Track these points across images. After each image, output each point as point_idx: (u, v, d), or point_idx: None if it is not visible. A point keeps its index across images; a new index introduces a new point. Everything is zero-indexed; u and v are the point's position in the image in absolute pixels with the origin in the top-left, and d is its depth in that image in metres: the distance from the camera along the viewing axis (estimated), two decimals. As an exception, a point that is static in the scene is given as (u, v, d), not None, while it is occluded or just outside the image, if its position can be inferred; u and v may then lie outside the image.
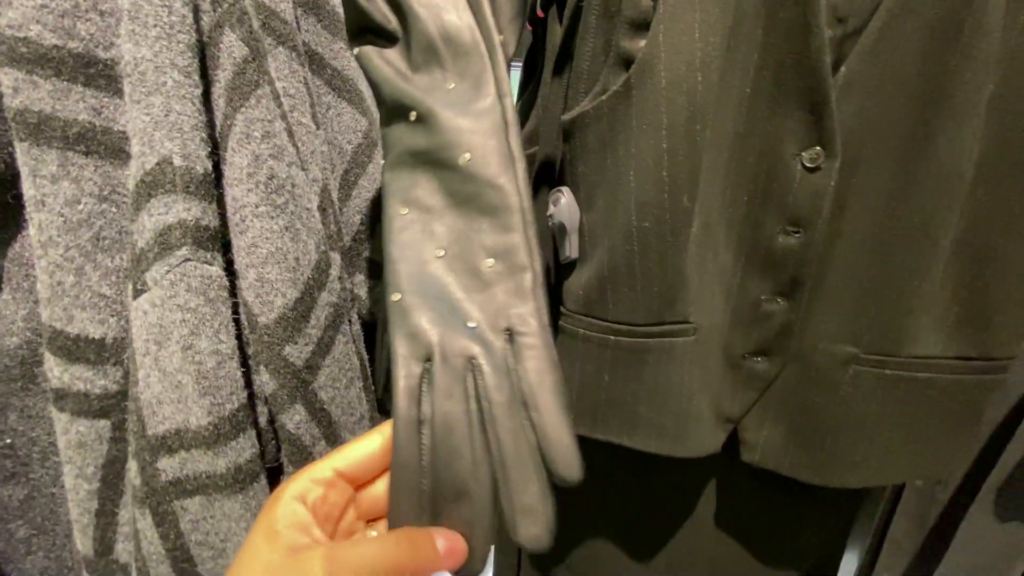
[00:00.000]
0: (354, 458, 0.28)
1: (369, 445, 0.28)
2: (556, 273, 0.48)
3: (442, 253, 0.31)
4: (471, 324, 0.29)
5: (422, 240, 0.31)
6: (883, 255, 0.40)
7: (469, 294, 0.30)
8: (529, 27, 0.60)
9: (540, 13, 0.55)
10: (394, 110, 0.34)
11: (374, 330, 0.55)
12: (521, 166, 0.31)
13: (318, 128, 0.47)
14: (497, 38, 0.33)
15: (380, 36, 0.35)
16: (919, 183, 0.38)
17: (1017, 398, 0.54)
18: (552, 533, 0.28)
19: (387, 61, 0.34)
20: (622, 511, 0.54)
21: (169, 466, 0.38)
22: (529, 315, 0.29)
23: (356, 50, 0.36)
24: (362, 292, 0.54)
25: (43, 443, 0.46)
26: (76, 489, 0.41)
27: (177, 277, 0.35)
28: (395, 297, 0.30)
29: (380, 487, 0.29)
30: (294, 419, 0.41)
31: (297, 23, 0.47)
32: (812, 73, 0.37)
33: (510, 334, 0.29)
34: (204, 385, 0.37)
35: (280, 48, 0.42)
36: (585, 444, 0.47)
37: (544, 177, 0.52)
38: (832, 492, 0.48)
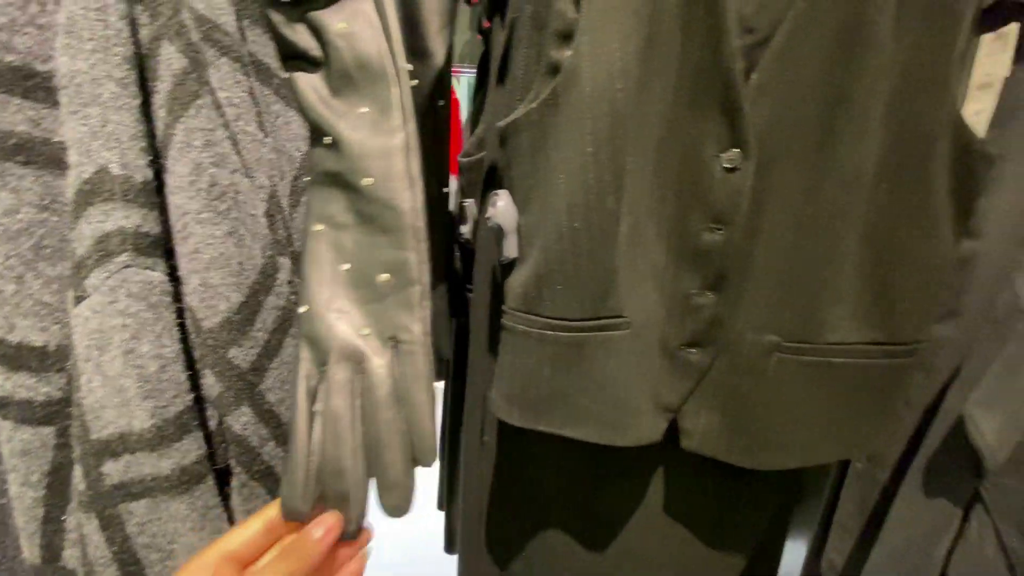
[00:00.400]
0: (239, 541, 0.34)
1: (252, 528, 0.34)
2: (501, 273, 0.50)
3: (347, 267, 0.37)
4: (364, 332, 0.35)
5: (332, 254, 0.37)
6: (799, 249, 0.43)
7: (366, 305, 0.36)
8: (479, 36, 0.63)
9: (486, 23, 0.58)
10: (314, 133, 0.38)
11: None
12: (418, 188, 0.37)
13: (266, 136, 0.48)
14: (403, 66, 0.37)
15: (306, 62, 0.38)
16: (827, 181, 0.41)
17: (943, 381, 0.57)
18: (410, 504, 0.36)
19: (312, 87, 0.38)
20: (571, 502, 0.56)
21: (114, 470, 0.38)
22: (412, 324, 0.36)
23: (287, 75, 0.39)
24: (314, 296, 0.55)
25: (-10, 454, 0.46)
26: (21, 497, 0.41)
27: (117, 283, 0.36)
28: (303, 309, 0.36)
29: (264, 561, 0.34)
30: (240, 420, 0.42)
31: (243, 34, 0.48)
32: (726, 80, 0.39)
33: (395, 341, 0.36)
34: (147, 389, 0.37)
35: (223, 59, 0.44)
36: (533, 437, 0.49)
37: (491, 181, 0.54)
38: (770, 475, 0.51)
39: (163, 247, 0.40)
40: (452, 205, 0.64)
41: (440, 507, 0.89)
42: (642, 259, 0.45)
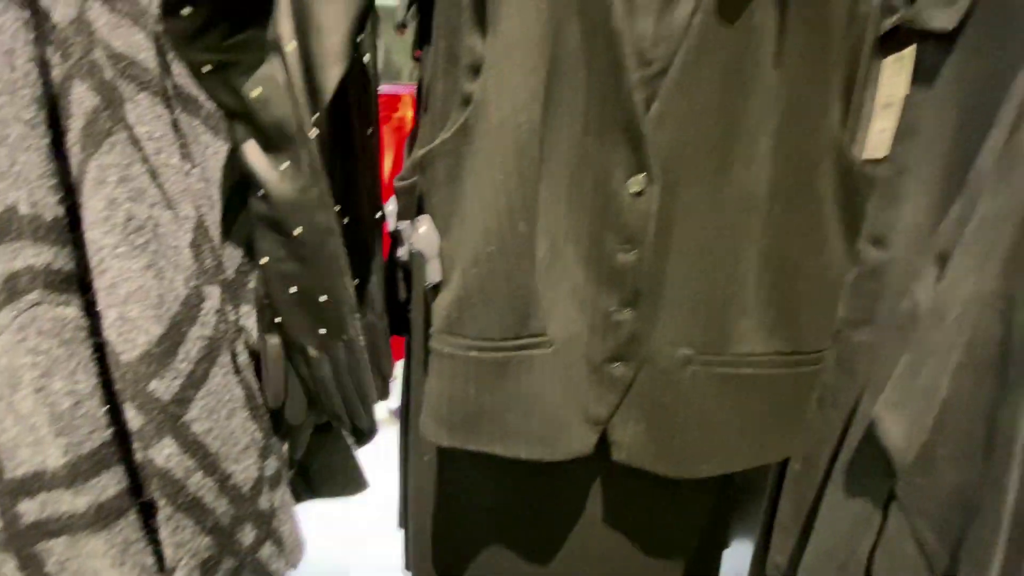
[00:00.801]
0: None
1: None
2: (429, 296, 0.51)
3: (295, 290, 0.46)
4: (322, 332, 0.50)
5: (280, 281, 0.48)
6: (705, 267, 0.45)
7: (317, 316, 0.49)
8: (416, 63, 0.64)
9: (417, 53, 0.59)
10: (250, 181, 0.44)
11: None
12: (337, 234, 0.46)
13: (192, 166, 0.49)
14: (308, 128, 0.43)
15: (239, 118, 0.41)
16: (725, 203, 0.43)
17: (860, 385, 0.60)
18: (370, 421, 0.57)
19: (247, 140, 0.44)
20: (512, 516, 0.57)
21: (30, 509, 0.38)
22: (350, 328, 0.50)
23: (214, 106, 0.42)
24: (248, 323, 0.55)
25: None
26: (-64, 540, 0.41)
27: (27, 320, 0.36)
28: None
29: None
30: (163, 452, 0.42)
31: (167, 68, 0.49)
32: (627, 109, 0.42)
33: (343, 338, 0.51)
34: (59, 426, 0.37)
35: (142, 94, 0.44)
36: (470, 454, 0.50)
37: (423, 205, 0.55)
38: (701, 481, 0.53)
39: (78, 282, 0.40)
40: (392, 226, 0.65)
41: (400, 525, 0.89)
42: (562, 279, 0.47)
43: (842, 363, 0.64)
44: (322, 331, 0.51)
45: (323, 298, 0.50)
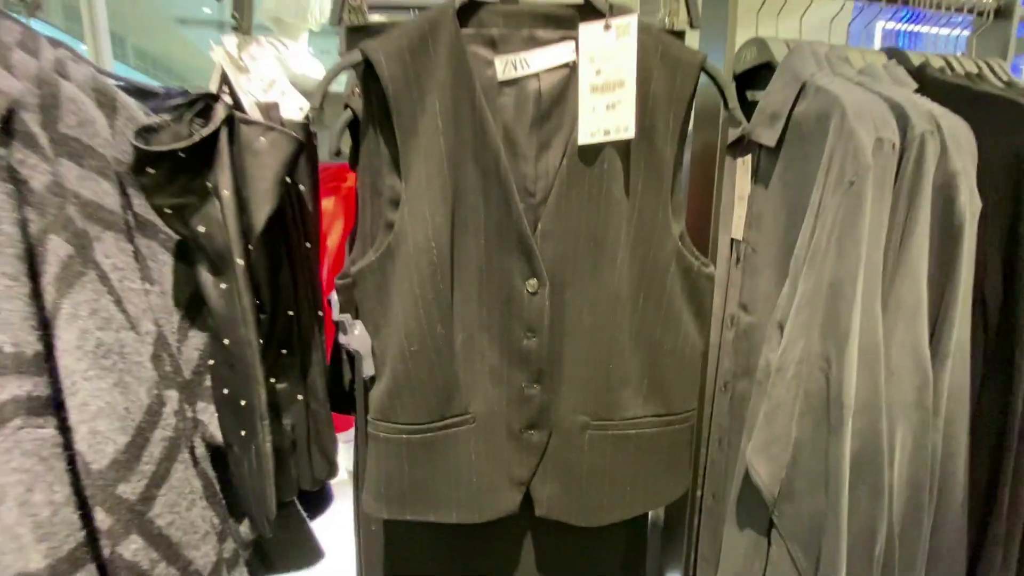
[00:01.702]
0: None
1: None
2: (367, 386, 0.59)
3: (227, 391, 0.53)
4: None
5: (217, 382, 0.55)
6: (591, 348, 0.55)
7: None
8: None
9: (351, 171, 0.69)
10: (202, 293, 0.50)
11: (218, 450, 0.62)
12: (251, 351, 0.55)
13: (152, 284, 0.56)
14: (239, 259, 0.51)
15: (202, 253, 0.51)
16: (599, 299, 0.54)
17: (748, 428, 0.71)
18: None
19: (201, 270, 0.54)
20: (452, 572, 0.64)
21: (8, 612, 0.43)
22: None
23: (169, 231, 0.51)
24: (205, 417, 0.61)
25: None
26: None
27: (12, 444, 0.42)
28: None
29: None
30: (130, 548, 0.48)
31: (128, 202, 0.57)
32: (519, 230, 0.52)
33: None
34: (40, 533, 0.43)
35: (107, 232, 0.52)
36: (412, 524, 0.57)
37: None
38: (615, 526, 0.61)
39: (53, 402, 0.46)
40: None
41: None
42: (480, 363, 0.56)
43: (732, 409, 0.76)
44: (243, 432, 0.57)
45: (243, 402, 0.56)
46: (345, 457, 2.08)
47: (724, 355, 0.75)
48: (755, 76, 0.75)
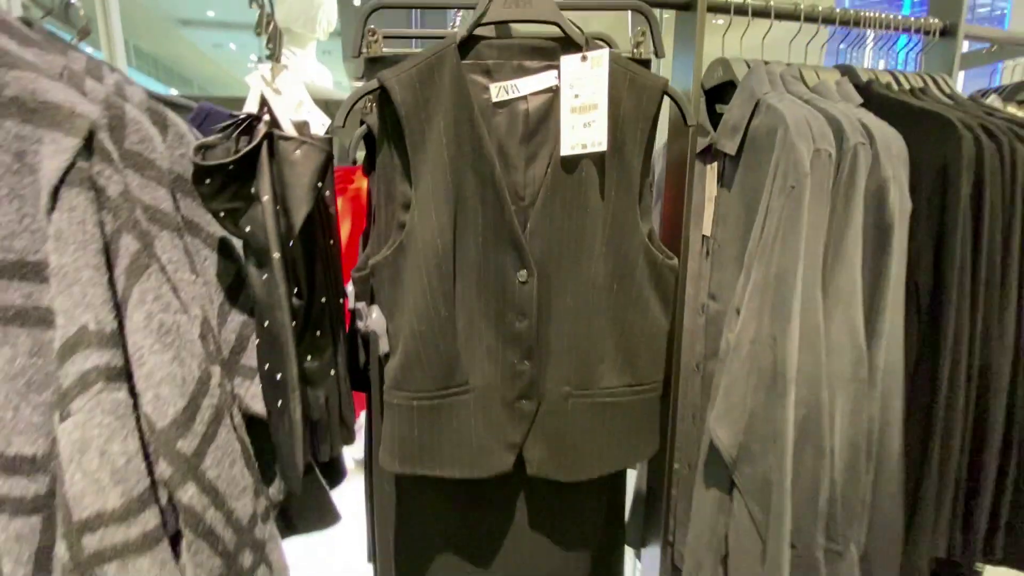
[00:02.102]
0: None
1: None
2: (383, 361, 0.69)
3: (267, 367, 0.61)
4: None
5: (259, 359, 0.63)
6: (573, 329, 0.65)
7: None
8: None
9: (365, 176, 0.79)
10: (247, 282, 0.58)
11: (252, 420, 0.72)
12: (285, 332, 0.63)
13: (197, 277, 0.66)
14: (275, 254, 0.60)
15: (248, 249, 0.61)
16: (580, 286, 0.63)
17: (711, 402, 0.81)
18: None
19: (249, 264, 0.61)
20: (456, 527, 0.74)
21: (91, 541, 0.52)
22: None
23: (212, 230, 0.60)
24: (242, 391, 0.71)
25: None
26: (13, 574, 0.54)
27: (95, 404, 0.52)
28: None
29: None
30: (187, 494, 0.57)
31: (177, 205, 0.66)
32: (511, 230, 0.62)
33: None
34: (116, 477, 0.52)
35: (164, 231, 0.61)
36: (420, 482, 0.67)
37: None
38: (597, 486, 0.71)
39: (125, 372, 0.55)
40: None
41: (369, 559, 1.03)
42: (478, 343, 0.66)
43: (703, 387, 0.85)
44: (279, 402, 0.66)
45: (279, 376, 0.65)
46: (355, 447, 2.20)
47: (696, 340, 0.85)
48: (724, 91, 0.84)
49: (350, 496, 0.93)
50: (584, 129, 0.59)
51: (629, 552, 1.04)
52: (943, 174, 0.70)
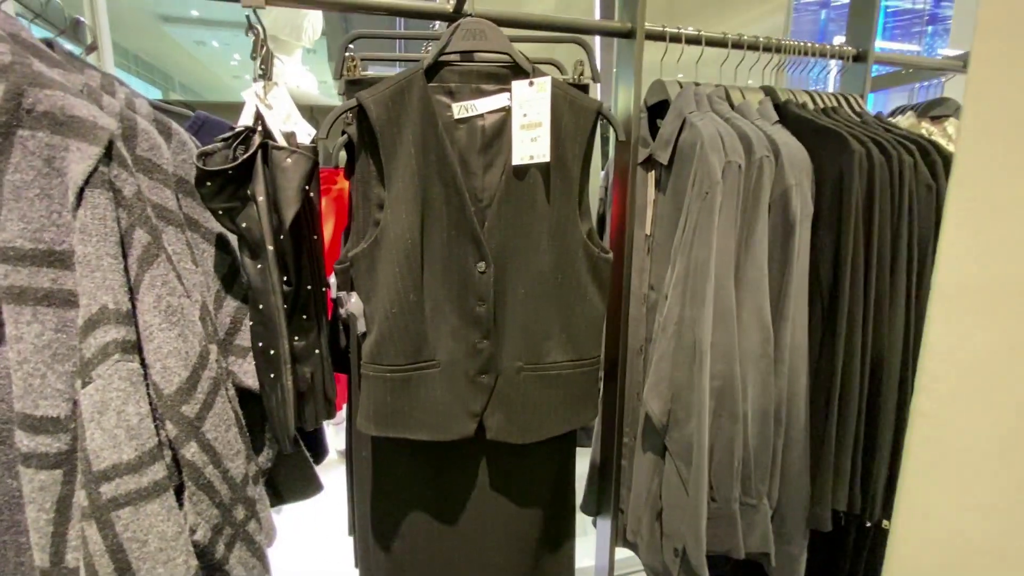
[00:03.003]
0: None
1: None
2: (360, 340, 0.79)
3: (261, 344, 0.64)
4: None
5: (254, 338, 0.68)
6: (524, 313, 0.76)
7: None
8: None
9: (346, 179, 0.89)
10: (242, 270, 0.66)
11: (247, 393, 0.81)
12: (278, 314, 0.73)
13: (197, 266, 0.75)
14: (270, 245, 0.69)
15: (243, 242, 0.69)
16: (530, 276, 0.74)
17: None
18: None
19: (244, 255, 0.67)
20: (425, 488, 0.84)
21: (108, 489, 0.62)
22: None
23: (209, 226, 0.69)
24: (235, 368, 0.80)
25: (0, 502, 0.66)
26: (37, 519, 0.63)
27: (113, 372, 0.61)
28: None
29: None
30: (190, 450, 0.67)
31: (180, 204, 0.76)
32: (471, 227, 0.73)
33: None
34: (131, 434, 0.62)
35: (169, 227, 0.71)
36: (393, 447, 0.77)
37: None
38: (546, 444, 0.81)
39: (138, 346, 0.65)
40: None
41: (350, 533, 1.12)
42: (443, 325, 0.77)
43: (645, 368, 0.97)
44: (272, 375, 0.77)
45: (272, 352, 0.75)
46: (337, 440, 2.29)
47: (640, 325, 0.96)
48: (664, 107, 0.96)
49: (334, 479, 1.04)
50: (531, 143, 0.70)
51: (588, 519, 1.15)
52: (839, 182, 0.83)
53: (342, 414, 1.14)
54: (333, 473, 1.13)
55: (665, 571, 0.87)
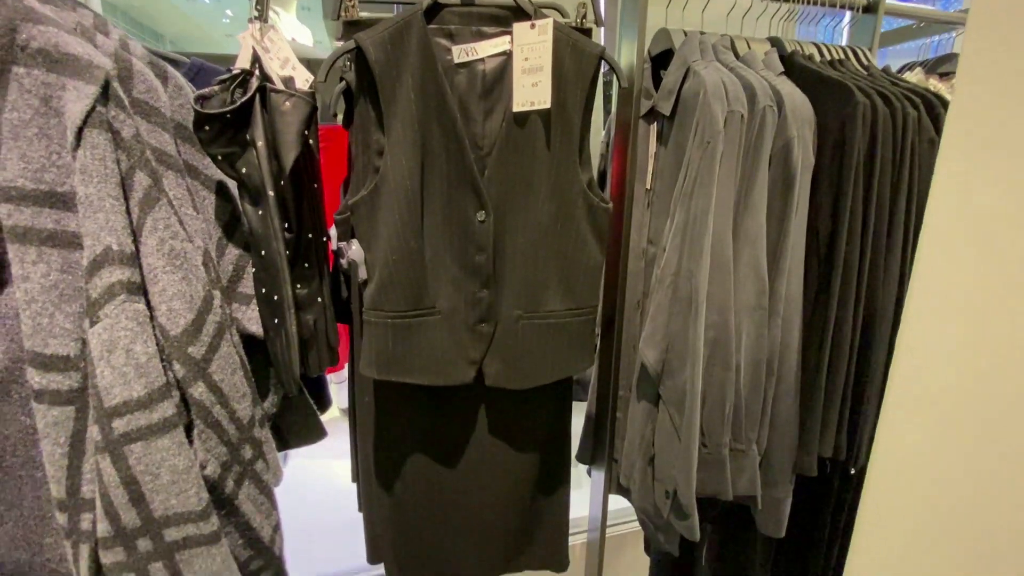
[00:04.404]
0: None
1: None
2: (361, 288, 0.80)
3: (264, 291, 0.66)
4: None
5: (257, 284, 0.70)
6: (524, 262, 0.77)
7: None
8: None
9: (344, 130, 0.88)
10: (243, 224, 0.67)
11: (252, 339, 0.83)
12: (280, 260, 0.73)
13: (198, 213, 0.76)
14: (270, 191, 0.68)
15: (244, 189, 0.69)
16: (530, 225, 0.75)
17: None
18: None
19: (244, 202, 0.68)
20: (426, 432, 0.87)
21: (120, 425, 0.64)
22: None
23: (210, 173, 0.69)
24: (239, 315, 0.82)
25: (14, 439, 0.69)
26: (52, 453, 0.65)
27: (120, 311, 0.63)
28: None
29: None
30: (198, 390, 0.69)
31: (178, 150, 0.75)
32: (471, 176, 0.73)
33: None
34: (140, 372, 0.64)
35: (169, 171, 0.71)
36: (395, 392, 0.79)
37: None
38: (542, 389, 0.84)
39: (142, 288, 0.66)
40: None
41: (353, 480, 1.16)
42: (444, 274, 0.78)
43: (642, 322, 0.98)
44: (276, 320, 0.78)
45: (276, 297, 0.76)
46: (340, 398, 2.34)
47: (638, 280, 0.97)
48: (667, 58, 0.95)
49: (339, 433, 1.07)
50: (532, 88, 0.69)
51: (582, 474, 1.19)
52: (842, 134, 0.82)
53: (344, 374, 1.16)
54: (338, 429, 1.16)
55: (656, 513, 0.90)
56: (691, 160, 0.78)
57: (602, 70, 0.77)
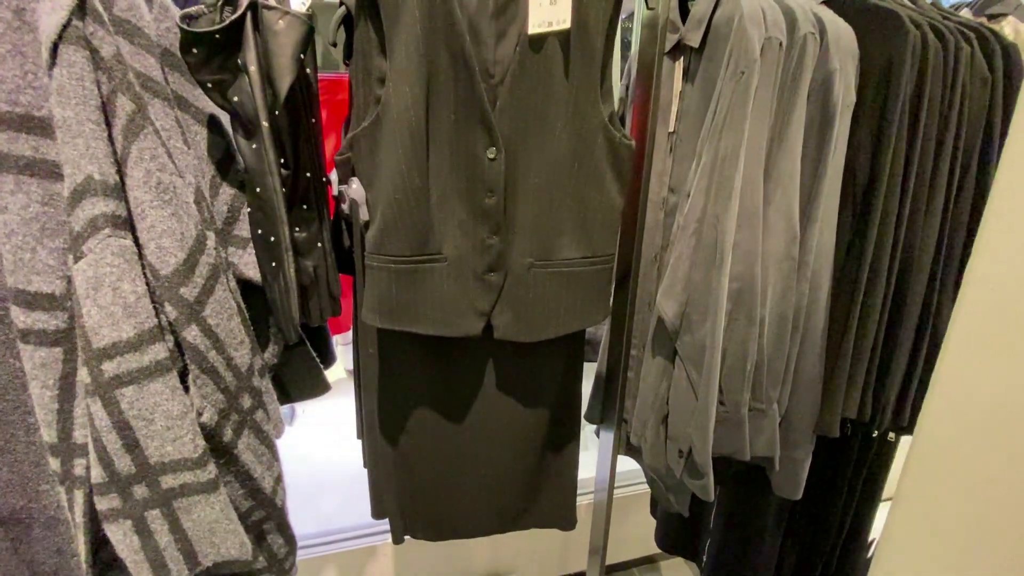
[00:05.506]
0: None
1: None
2: (363, 231, 0.75)
3: (260, 231, 0.62)
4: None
5: (253, 225, 0.69)
6: (537, 206, 0.71)
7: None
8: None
9: (347, 64, 0.82)
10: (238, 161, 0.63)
11: (250, 286, 0.79)
12: (277, 197, 0.69)
13: (189, 148, 0.71)
14: (265, 121, 0.63)
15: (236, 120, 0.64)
16: (544, 163, 0.69)
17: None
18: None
19: (237, 134, 0.63)
20: (432, 385, 0.83)
21: (110, 367, 0.61)
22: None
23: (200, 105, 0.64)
24: (235, 260, 0.78)
25: (3, 381, 0.66)
26: (41, 396, 0.62)
27: (104, 246, 0.58)
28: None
29: None
30: (191, 333, 0.65)
31: (166, 79, 0.70)
32: (481, 107, 0.67)
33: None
34: (128, 311, 0.60)
35: (156, 99, 0.66)
36: (401, 342, 0.75)
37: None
38: (555, 343, 0.79)
39: (129, 224, 0.62)
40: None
41: (358, 437, 1.14)
42: (450, 217, 0.73)
43: (659, 277, 0.93)
44: (273, 263, 0.74)
45: (272, 239, 0.71)
46: (345, 359, 2.33)
47: (656, 233, 0.92)
48: (695, -11, 0.87)
49: (344, 391, 1.04)
50: (550, 7, 0.63)
51: (590, 436, 1.17)
52: (887, 69, 0.75)
53: (350, 335, 1.12)
54: (345, 391, 1.14)
55: (669, 473, 0.87)
56: (722, 94, 0.71)
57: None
